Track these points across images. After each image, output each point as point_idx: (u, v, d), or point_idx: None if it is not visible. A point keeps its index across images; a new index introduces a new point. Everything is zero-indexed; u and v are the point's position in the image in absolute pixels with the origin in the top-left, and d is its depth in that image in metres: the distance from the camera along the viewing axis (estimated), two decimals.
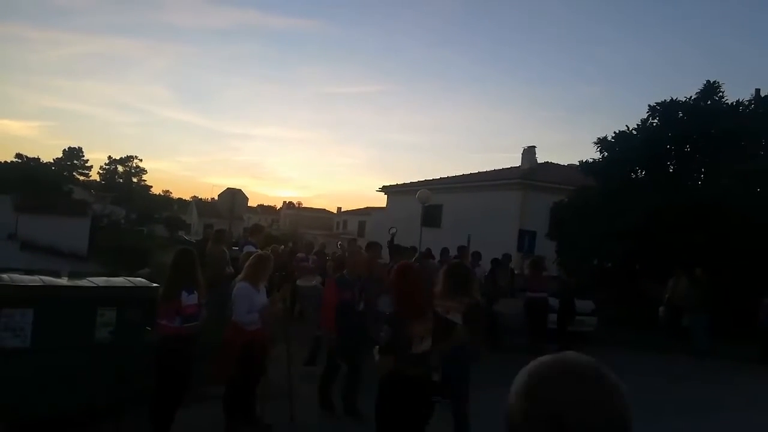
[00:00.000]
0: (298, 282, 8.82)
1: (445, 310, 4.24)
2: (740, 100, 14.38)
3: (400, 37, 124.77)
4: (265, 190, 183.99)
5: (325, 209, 77.77)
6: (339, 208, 69.27)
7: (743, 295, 11.30)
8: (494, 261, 10.91)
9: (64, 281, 4.91)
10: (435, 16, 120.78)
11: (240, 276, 4.95)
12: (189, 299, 4.37)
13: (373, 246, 8.05)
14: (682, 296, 11.25)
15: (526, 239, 14.23)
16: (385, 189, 31.01)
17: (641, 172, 15.03)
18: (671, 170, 14.81)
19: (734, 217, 11.74)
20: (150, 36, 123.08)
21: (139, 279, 5.39)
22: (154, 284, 4.95)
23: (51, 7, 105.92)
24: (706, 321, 10.65)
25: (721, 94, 14.49)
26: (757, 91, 14.40)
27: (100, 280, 4.96)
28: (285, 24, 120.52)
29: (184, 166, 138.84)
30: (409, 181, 29.34)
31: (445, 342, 3.50)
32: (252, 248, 7.63)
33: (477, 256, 11.11)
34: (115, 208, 48.51)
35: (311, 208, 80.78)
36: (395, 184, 30.48)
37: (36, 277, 4.68)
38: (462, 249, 11.19)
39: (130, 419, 4.65)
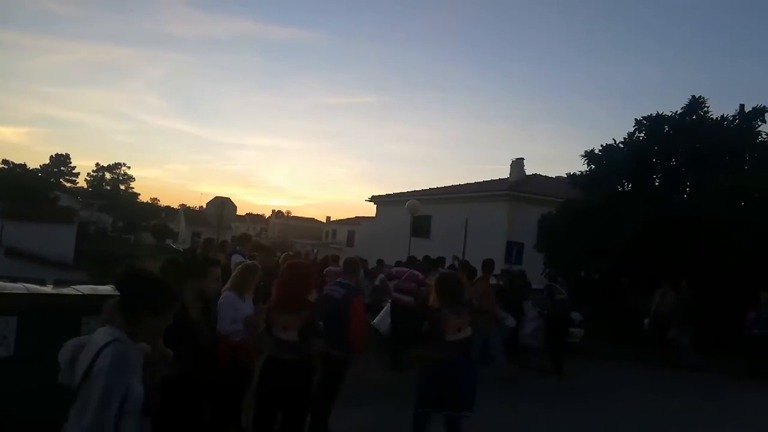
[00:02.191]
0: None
1: (456, 328, 4.31)
2: (725, 116, 14.60)
3: (393, 49, 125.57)
4: (255, 199, 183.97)
5: (314, 218, 77.71)
6: (328, 218, 69.23)
7: (729, 308, 11.39)
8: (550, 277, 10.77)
9: (49, 289, 4.86)
10: (429, 29, 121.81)
11: (226, 285, 4.93)
12: None
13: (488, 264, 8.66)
14: (668, 309, 11.33)
15: (513, 251, 14.30)
16: (374, 199, 31.03)
17: (627, 185, 15.16)
18: (657, 184, 14.96)
19: (719, 230, 11.87)
20: (144, 44, 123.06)
21: None
22: None
23: (44, 15, 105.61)
24: (692, 334, 10.75)
25: (706, 109, 14.69)
26: (741, 106, 14.60)
27: (86, 289, 4.91)
28: (280, 34, 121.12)
29: (173, 174, 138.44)
30: (398, 192, 29.41)
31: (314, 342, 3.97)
32: (240, 257, 7.60)
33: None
34: (102, 215, 48.20)
35: (300, 218, 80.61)
36: (385, 194, 30.53)
37: (20, 285, 4.63)
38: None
39: None
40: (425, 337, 4.45)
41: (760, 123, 14.13)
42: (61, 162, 74.17)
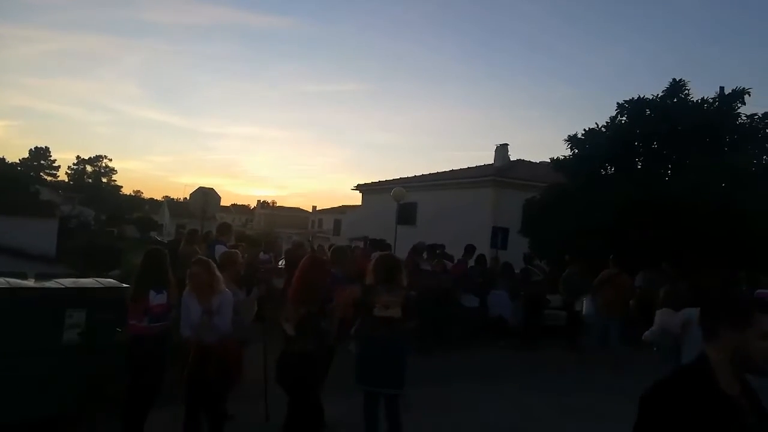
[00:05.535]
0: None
1: (385, 305, 4.43)
2: (705, 98, 14.71)
3: (377, 35, 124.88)
4: (240, 190, 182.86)
5: (300, 208, 77.60)
6: (314, 207, 69.11)
7: (709, 288, 11.56)
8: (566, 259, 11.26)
9: (30, 283, 4.81)
10: (411, 15, 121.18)
11: None
12: (157, 299, 4.32)
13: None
14: (650, 291, 11.47)
15: (499, 236, 14.37)
16: (360, 187, 30.98)
17: (610, 168, 15.26)
18: (639, 166, 15.08)
19: (701, 212, 12.03)
20: (122, 33, 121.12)
21: (109, 280, 5.32)
22: (124, 285, 4.89)
23: (19, 3, 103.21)
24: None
25: (686, 92, 14.78)
26: (722, 89, 14.72)
27: (68, 281, 4.89)
28: (261, 21, 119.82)
29: (156, 166, 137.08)
30: (384, 180, 29.38)
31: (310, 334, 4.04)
32: (223, 248, 7.55)
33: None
34: (84, 209, 47.58)
35: (286, 207, 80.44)
36: (370, 182, 30.48)
37: (1, 279, 4.58)
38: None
39: (101, 422, 4.57)
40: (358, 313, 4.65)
41: (739, 105, 14.28)
42: (40, 155, 73.00)
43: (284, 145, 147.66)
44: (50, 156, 74.01)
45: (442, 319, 9.17)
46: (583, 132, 15.34)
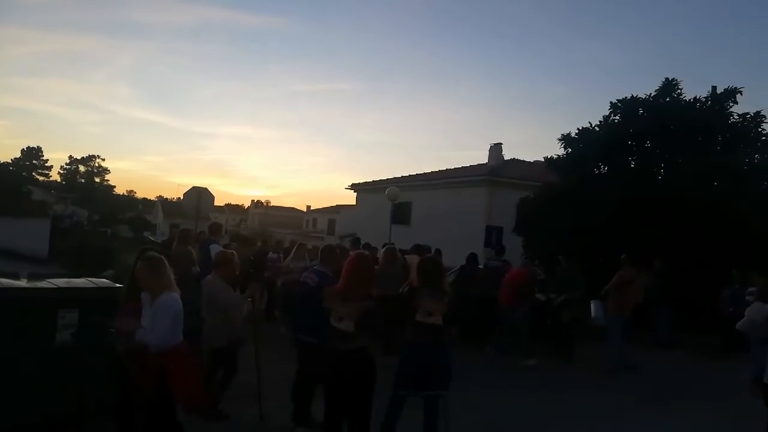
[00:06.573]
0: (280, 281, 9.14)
1: (428, 311, 4.32)
2: (697, 97, 14.78)
3: (369, 35, 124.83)
4: (234, 189, 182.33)
5: (294, 208, 77.38)
6: (308, 207, 68.99)
7: (705, 286, 11.61)
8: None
9: (22, 283, 4.78)
10: (404, 14, 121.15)
11: None
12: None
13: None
14: (644, 288, 11.53)
15: (493, 235, 14.42)
16: (354, 187, 30.96)
17: (603, 167, 15.31)
18: (632, 165, 15.14)
19: (693, 210, 12.09)
20: (113, 33, 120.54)
21: (102, 280, 5.29)
22: (117, 285, 4.86)
23: (10, 4, 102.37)
24: (668, 312, 10.97)
25: (679, 91, 14.85)
26: (714, 88, 14.80)
27: (61, 282, 4.85)
28: (253, 21, 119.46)
29: (149, 166, 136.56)
30: (378, 179, 29.38)
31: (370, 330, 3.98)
32: (218, 247, 7.55)
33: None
34: (77, 209, 47.36)
35: (280, 207, 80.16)
36: (364, 181, 30.47)
37: None
38: None
39: (95, 423, 4.54)
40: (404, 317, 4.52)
41: (731, 104, 14.36)
42: (32, 155, 72.56)
43: (277, 144, 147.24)
44: (42, 156, 73.63)
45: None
46: (577, 131, 15.39)
